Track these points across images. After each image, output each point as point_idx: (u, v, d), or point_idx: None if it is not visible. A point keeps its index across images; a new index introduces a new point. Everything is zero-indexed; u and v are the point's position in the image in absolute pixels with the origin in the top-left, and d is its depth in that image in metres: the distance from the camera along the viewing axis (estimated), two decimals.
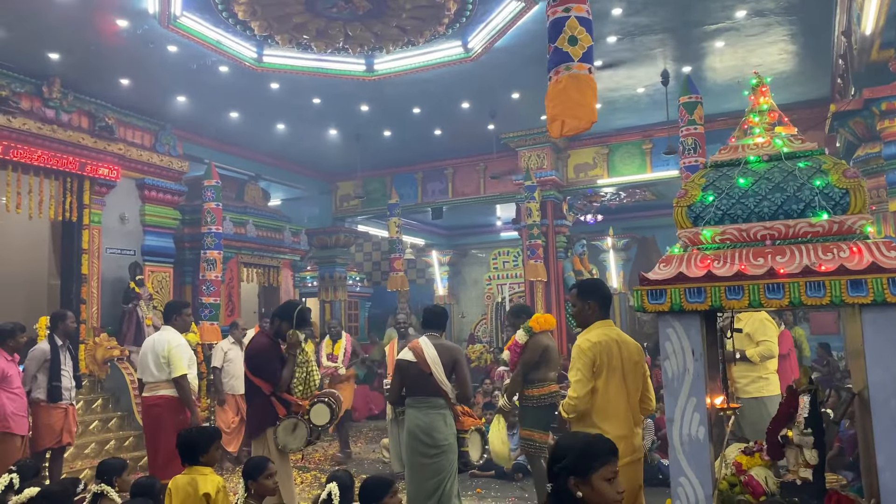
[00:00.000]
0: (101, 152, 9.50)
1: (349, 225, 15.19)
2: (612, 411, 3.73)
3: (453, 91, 9.74)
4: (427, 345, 4.99)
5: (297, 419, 5.04)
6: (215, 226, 10.15)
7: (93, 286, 9.47)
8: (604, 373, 3.73)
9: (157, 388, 5.96)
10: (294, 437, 5.02)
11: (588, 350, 3.74)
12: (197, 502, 3.62)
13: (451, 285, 18.66)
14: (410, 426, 4.96)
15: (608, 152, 12.21)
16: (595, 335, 3.81)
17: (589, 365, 3.72)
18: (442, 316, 5.32)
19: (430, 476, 4.85)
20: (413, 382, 5.00)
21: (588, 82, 4.83)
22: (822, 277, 2.57)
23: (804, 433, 2.78)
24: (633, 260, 16.46)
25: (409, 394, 5.04)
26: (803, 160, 2.86)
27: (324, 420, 5.10)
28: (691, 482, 2.77)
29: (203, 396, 9.28)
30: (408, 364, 5.00)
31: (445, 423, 4.91)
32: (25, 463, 4.47)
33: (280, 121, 10.92)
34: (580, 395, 3.71)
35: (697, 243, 2.94)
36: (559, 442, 2.40)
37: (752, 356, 5.66)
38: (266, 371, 5.11)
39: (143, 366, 6.07)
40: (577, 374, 3.76)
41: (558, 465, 2.23)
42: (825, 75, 9.44)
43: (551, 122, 4.93)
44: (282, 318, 5.27)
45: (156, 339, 6.13)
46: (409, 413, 5.01)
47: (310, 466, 8.62)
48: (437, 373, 4.89)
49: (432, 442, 4.86)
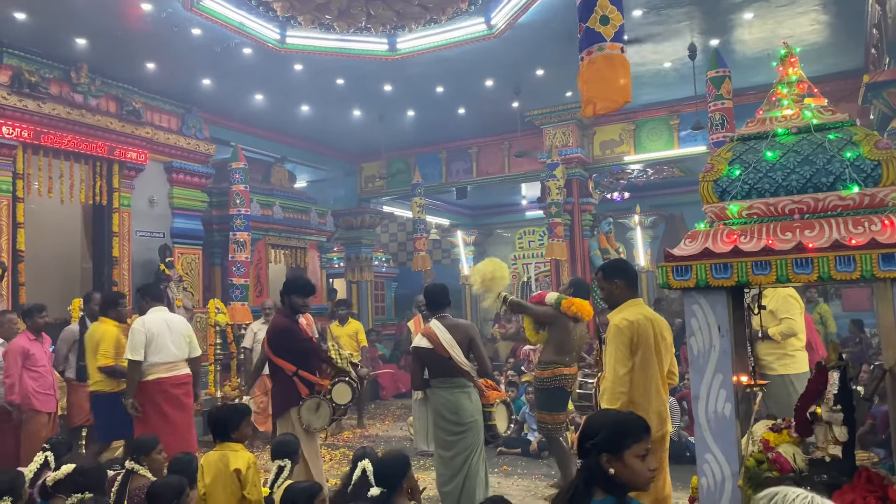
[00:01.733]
0: (129, 136, 9.62)
1: (374, 206, 15.23)
2: (648, 387, 3.74)
3: (477, 69, 9.67)
4: (440, 329, 5.00)
5: (320, 399, 5.12)
6: (244, 208, 10.24)
7: (124, 269, 9.63)
8: (640, 351, 3.72)
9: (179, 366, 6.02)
10: (318, 416, 5.11)
11: (626, 329, 3.72)
12: (228, 478, 3.68)
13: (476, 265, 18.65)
14: (436, 406, 5.03)
15: (635, 128, 12.05)
16: (630, 314, 3.80)
17: (627, 344, 3.72)
18: (444, 293, 5.27)
19: (458, 452, 4.91)
20: (434, 366, 5.05)
21: (621, 62, 4.79)
22: (853, 251, 2.52)
23: (833, 410, 2.74)
24: (660, 238, 16.27)
25: (432, 376, 5.09)
26: (833, 132, 2.79)
27: (346, 399, 5.18)
28: (717, 459, 2.76)
29: (233, 376, 9.44)
30: (425, 351, 5.03)
31: (470, 400, 4.97)
32: (58, 440, 4.60)
33: (304, 102, 10.94)
34: (620, 376, 3.69)
35: (724, 218, 2.89)
36: (591, 419, 2.40)
37: (774, 335, 5.59)
38: (287, 352, 5.17)
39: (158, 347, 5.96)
40: (616, 355, 3.73)
41: (590, 442, 2.23)
42: (859, 45, 9.18)
43: (585, 105, 4.90)
44: (290, 293, 5.34)
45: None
46: (434, 393, 5.06)
47: (338, 444, 8.74)
48: (455, 355, 4.92)
49: (458, 419, 4.92)
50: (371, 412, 11.32)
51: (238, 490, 3.66)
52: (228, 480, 3.67)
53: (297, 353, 5.22)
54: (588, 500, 2.14)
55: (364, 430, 9.62)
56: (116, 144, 9.41)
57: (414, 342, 5.18)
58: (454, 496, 4.87)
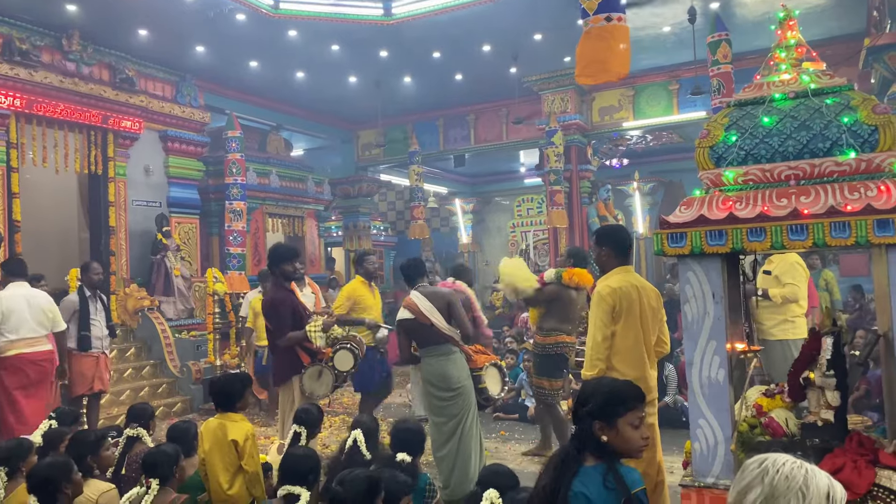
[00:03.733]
0: (123, 105, 9.53)
1: (372, 174, 15.15)
2: (629, 354, 3.74)
3: (474, 34, 9.54)
4: (419, 298, 5.04)
5: (322, 366, 5.14)
6: (240, 176, 10.19)
7: (121, 238, 9.62)
8: (623, 317, 3.72)
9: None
10: (320, 383, 5.13)
11: (608, 296, 3.73)
12: (226, 447, 3.71)
13: (474, 233, 18.61)
14: (425, 374, 5.08)
15: (634, 94, 11.93)
16: (615, 281, 3.80)
17: (608, 311, 3.72)
18: (420, 265, 5.36)
19: (449, 418, 4.96)
20: (419, 336, 5.09)
21: (623, 32, 4.73)
22: (848, 217, 2.51)
23: (826, 375, 2.75)
24: (659, 204, 16.22)
25: (420, 346, 5.13)
26: (831, 97, 2.76)
27: (348, 366, 5.19)
28: (710, 424, 2.79)
29: (232, 345, 9.48)
30: (409, 322, 5.04)
31: (456, 366, 4.99)
32: (66, 410, 4.65)
33: (299, 69, 10.82)
34: (598, 343, 3.72)
35: (720, 185, 2.88)
36: (585, 386, 2.40)
37: (775, 296, 5.61)
38: (285, 323, 5.18)
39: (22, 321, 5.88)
40: (595, 322, 3.77)
41: (584, 409, 2.24)
42: (861, 7, 9.05)
43: (583, 76, 4.87)
44: (277, 263, 5.33)
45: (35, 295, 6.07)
46: (424, 363, 5.10)
47: (338, 411, 8.82)
48: (437, 322, 4.96)
49: (446, 386, 4.96)
50: None
51: (236, 459, 3.69)
52: (226, 450, 3.70)
53: (294, 323, 5.23)
54: (578, 466, 2.16)
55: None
56: (110, 113, 9.32)
57: (398, 316, 5.17)
58: (449, 461, 4.92)
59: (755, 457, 1.55)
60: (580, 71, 5.03)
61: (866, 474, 2.50)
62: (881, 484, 2.47)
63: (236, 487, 3.68)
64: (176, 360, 9.17)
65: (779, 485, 1.44)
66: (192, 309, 10.04)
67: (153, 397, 8.46)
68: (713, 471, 2.76)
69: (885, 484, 2.47)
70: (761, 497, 1.44)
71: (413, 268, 5.31)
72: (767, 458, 1.52)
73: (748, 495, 1.46)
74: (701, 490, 2.74)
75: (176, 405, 8.72)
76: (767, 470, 1.47)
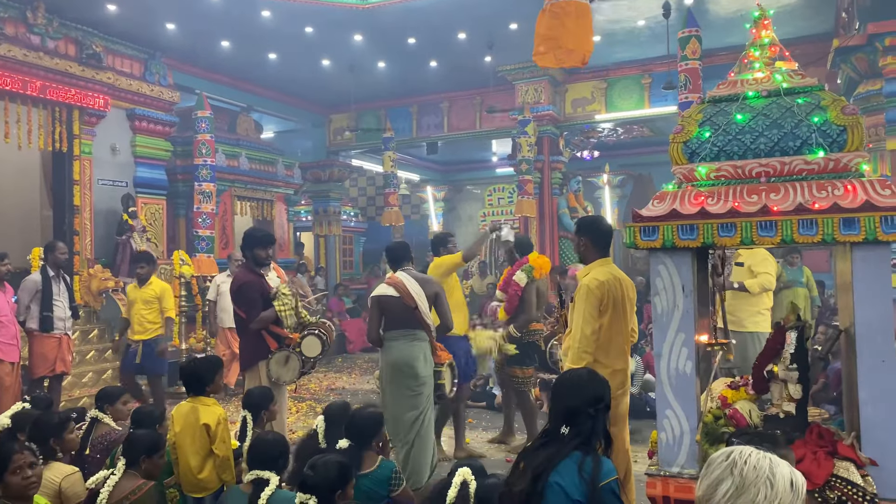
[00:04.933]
0: (90, 81, 9.31)
1: (343, 159, 15.04)
2: (614, 346, 3.77)
3: (449, 21, 9.50)
4: (408, 279, 4.96)
5: (289, 352, 5.08)
6: (209, 158, 10.05)
7: (85, 217, 9.42)
8: (609, 310, 3.72)
9: None
10: (287, 369, 5.07)
11: (596, 289, 3.70)
12: (197, 431, 3.68)
13: (445, 221, 18.62)
14: (394, 359, 4.92)
15: (606, 87, 12.01)
16: (601, 273, 3.77)
17: (596, 305, 3.69)
18: (406, 249, 5.30)
19: (412, 408, 4.86)
20: (395, 317, 4.95)
21: (582, 10, 4.68)
22: (815, 215, 2.57)
23: (789, 368, 2.83)
24: (627, 197, 16.40)
25: (391, 328, 4.98)
26: (802, 96, 2.82)
27: (315, 352, 5.15)
28: (677, 415, 2.84)
29: (199, 329, 9.38)
30: (391, 299, 4.93)
31: (425, 356, 4.94)
32: (40, 395, 4.59)
33: (272, 50, 10.66)
34: (587, 336, 3.68)
35: (692, 180, 2.92)
36: (593, 383, 2.40)
37: (752, 286, 5.77)
38: (254, 307, 5.11)
39: None
40: (584, 315, 3.72)
41: (602, 404, 2.32)
42: (830, 9, 9.21)
43: (537, 55, 4.80)
44: (252, 247, 5.27)
45: None
46: (391, 346, 4.95)
47: (305, 396, 8.79)
48: (421, 305, 4.90)
49: (414, 374, 4.86)
50: (338, 365, 11.39)
51: (207, 444, 3.67)
52: (198, 433, 3.67)
53: (264, 306, 5.18)
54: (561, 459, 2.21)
55: (331, 383, 9.67)
56: (76, 89, 9.09)
57: (377, 291, 5.02)
58: (405, 453, 4.82)
59: (720, 451, 1.59)
60: (535, 50, 4.95)
61: (825, 465, 2.58)
62: (839, 475, 2.55)
63: (206, 471, 3.66)
64: None
65: (748, 475, 1.48)
66: None
67: (116, 380, 8.29)
68: (678, 460, 2.82)
69: (842, 475, 2.55)
70: (732, 488, 1.48)
71: (401, 250, 5.24)
72: (733, 450, 1.57)
73: (719, 488, 1.50)
74: (666, 479, 2.80)
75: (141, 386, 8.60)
76: (735, 462, 1.51)
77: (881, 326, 2.58)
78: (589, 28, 4.83)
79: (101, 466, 3.68)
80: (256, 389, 4.32)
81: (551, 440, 2.31)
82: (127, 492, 3.12)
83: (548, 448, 2.27)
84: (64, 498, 3.28)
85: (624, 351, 3.85)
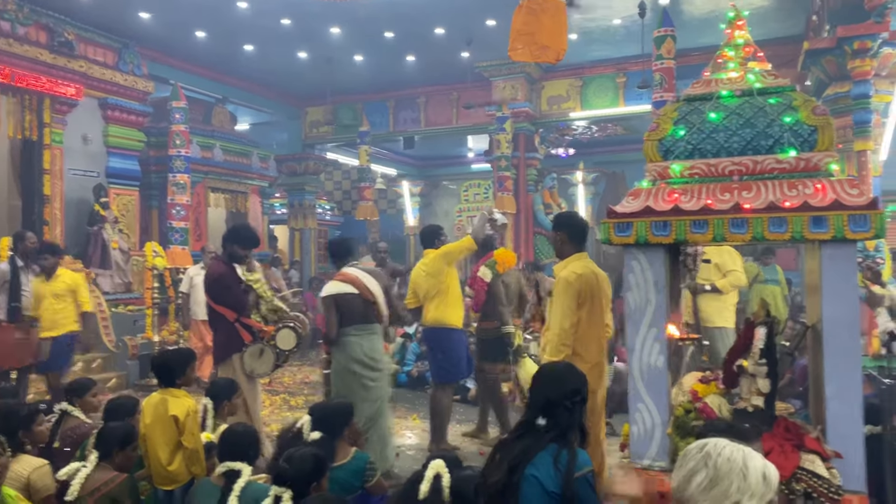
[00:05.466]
0: (62, 69, 9.15)
1: (319, 152, 14.95)
2: (590, 339, 3.81)
3: (427, 16, 9.49)
4: (363, 275, 5.03)
5: (264, 345, 5.08)
6: (184, 149, 9.94)
7: (56, 208, 9.27)
8: (587, 304, 3.77)
9: None
10: (261, 362, 5.06)
11: (574, 282, 3.75)
12: (167, 423, 3.65)
13: (421, 216, 18.61)
14: (356, 354, 4.94)
15: (582, 85, 12.09)
16: (578, 267, 3.82)
17: (575, 298, 3.73)
18: (349, 244, 5.37)
19: (373, 400, 4.94)
20: (355, 312, 4.96)
21: (557, 7, 4.74)
22: (786, 213, 2.63)
23: (759, 363, 2.88)
24: (601, 195, 16.53)
25: (349, 323, 4.96)
26: (775, 96, 2.87)
27: (290, 344, 5.14)
28: (649, 408, 2.89)
29: (171, 321, 9.28)
30: (349, 296, 4.94)
31: (381, 345, 5.07)
32: (4, 386, 4.50)
33: (248, 42, 10.57)
34: (566, 329, 3.72)
35: (666, 177, 2.96)
36: (571, 376, 2.43)
37: (724, 286, 5.85)
38: (227, 298, 5.09)
39: None
40: (562, 309, 3.75)
41: (579, 397, 2.35)
42: (801, 12, 9.37)
43: (513, 49, 4.86)
44: (232, 242, 5.23)
45: None
46: (351, 342, 4.95)
47: (279, 390, 8.74)
48: (379, 299, 4.99)
49: (376, 366, 4.96)
50: (312, 359, 11.33)
51: (176, 436, 3.64)
52: (167, 425, 3.64)
53: (236, 300, 5.15)
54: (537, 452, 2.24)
55: (305, 377, 9.63)
56: (47, 77, 8.94)
57: (332, 290, 4.96)
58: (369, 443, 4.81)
59: (695, 443, 1.63)
60: (511, 45, 5.04)
61: (792, 458, 2.64)
62: (804, 467, 2.61)
63: (176, 464, 3.63)
64: (112, 334, 8.92)
65: (722, 467, 1.52)
66: (129, 283, 9.77)
67: (87, 372, 8.21)
68: (650, 453, 2.86)
69: (808, 467, 2.61)
70: (707, 480, 1.52)
71: (342, 245, 5.29)
72: (707, 443, 1.61)
73: (694, 479, 1.54)
74: (638, 471, 2.84)
75: (110, 380, 8.49)
76: (710, 454, 1.55)
77: (847, 323, 2.64)
78: (564, 26, 4.91)
79: (70, 459, 3.62)
80: (222, 380, 4.28)
81: (527, 432, 2.33)
82: (99, 484, 3.09)
83: (524, 440, 2.29)
84: (32, 490, 3.24)
85: (602, 345, 3.90)
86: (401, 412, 7.60)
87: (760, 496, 1.50)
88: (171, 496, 3.67)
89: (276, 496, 2.68)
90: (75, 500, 3.03)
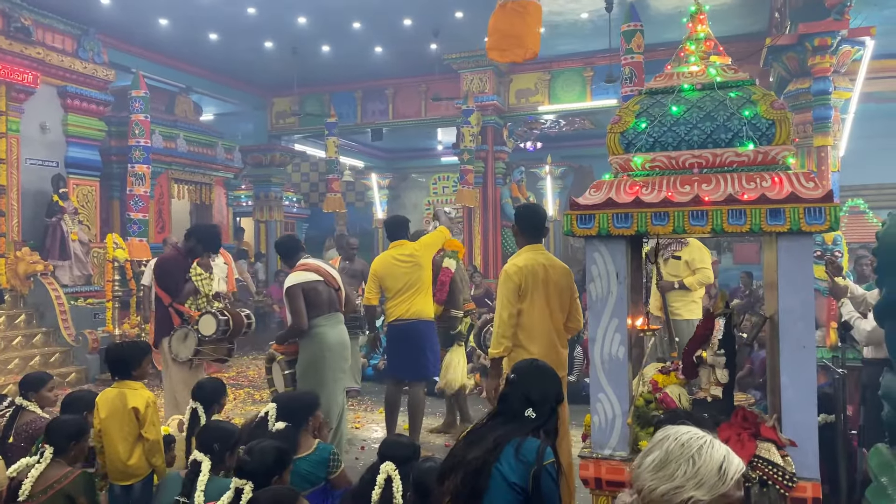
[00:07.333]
0: (18, 55, 8.91)
1: (285, 143, 14.79)
2: (537, 331, 3.86)
3: (395, 6, 9.44)
4: (322, 264, 5.12)
5: (188, 329, 5.18)
6: (143, 139, 9.76)
7: (12, 198, 9.04)
8: (529, 295, 3.83)
9: None
10: (185, 346, 5.17)
11: (514, 275, 3.85)
12: (125, 416, 3.59)
13: (390, 209, 18.55)
14: (332, 342, 4.89)
15: (550, 78, 12.14)
16: (522, 259, 3.93)
17: (514, 290, 3.83)
18: (297, 241, 5.44)
19: (342, 391, 5.07)
20: (322, 301, 4.92)
21: (537, 10, 4.78)
22: (744, 206, 2.66)
23: (717, 354, 2.92)
24: (569, 188, 16.65)
25: (318, 313, 4.88)
26: (734, 90, 2.90)
27: (210, 330, 5.15)
28: (609, 398, 2.91)
29: (132, 314, 9.13)
30: (316, 284, 4.89)
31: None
32: None
33: (212, 30, 10.39)
34: (504, 320, 3.82)
35: (628, 170, 2.98)
36: (549, 373, 2.53)
37: (692, 284, 5.94)
38: (167, 282, 5.29)
39: None
40: (501, 300, 3.87)
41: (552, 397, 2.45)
42: (764, 8, 9.51)
43: (495, 49, 4.90)
44: (197, 239, 5.38)
45: None
46: (324, 332, 4.88)
47: (243, 383, 8.66)
48: (343, 287, 5.07)
49: (345, 354, 5.04)
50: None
51: (135, 428, 3.58)
52: (126, 419, 3.57)
53: (175, 286, 5.31)
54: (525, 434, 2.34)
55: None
56: (2, 63, 8.69)
57: (297, 280, 4.85)
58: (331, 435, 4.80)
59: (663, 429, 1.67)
60: (493, 44, 5.10)
61: (748, 446, 2.68)
62: (761, 455, 2.66)
63: (135, 458, 3.57)
64: (71, 328, 8.75)
65: (673, 450, 1.54)
66: (89, 276, 9.59)
67: (45, 366, 8.04)
68: (610, 443, 2.88)
69: (764, 455, 2.65)
70: (657, 460, 1.55)
71: (290, 243, 5.31)
72: (674, 428, 1.64)
73: (647, 458, 1.58)
74: (598, 461, 2.86)
75: (70, 375, 8.34)
76: (668, 437, 1.58)
77: (803, 314, 2.68)
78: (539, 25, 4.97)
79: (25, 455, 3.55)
80: (208, 382, 4.18)
81: (510, 419, 2.37)
82: (52, 480, 3.03)
83: (507, 425, 2.33)
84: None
85: (550, 337, 3.90)
86: (368, 405, 7.58)
87: (710, 486, 1.52)
88: (128, 491, 3.61)
89: (237, 489, 2.65)
90: (28, 497, 2.96)
